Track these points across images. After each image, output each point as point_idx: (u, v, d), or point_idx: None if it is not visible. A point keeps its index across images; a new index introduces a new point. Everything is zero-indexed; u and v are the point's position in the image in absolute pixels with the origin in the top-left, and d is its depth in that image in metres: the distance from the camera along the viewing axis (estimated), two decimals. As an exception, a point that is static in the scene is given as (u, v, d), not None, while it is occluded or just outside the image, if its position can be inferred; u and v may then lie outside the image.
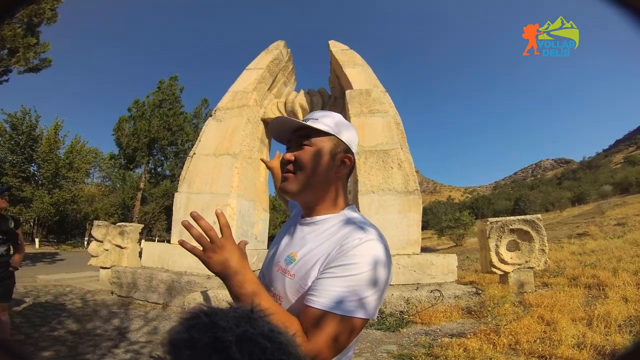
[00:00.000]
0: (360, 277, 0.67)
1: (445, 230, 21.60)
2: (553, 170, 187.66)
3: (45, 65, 10.81)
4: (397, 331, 4.15)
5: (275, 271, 0.83)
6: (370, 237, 0.72)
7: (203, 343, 0.37)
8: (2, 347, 0.60)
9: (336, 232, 0.77)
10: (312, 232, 0.82)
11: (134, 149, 19.46)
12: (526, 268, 5.22)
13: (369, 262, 0.69)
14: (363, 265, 0.68)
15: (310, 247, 0.78)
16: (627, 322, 3.51)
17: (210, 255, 0.71)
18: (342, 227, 0.78)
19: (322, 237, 0.79)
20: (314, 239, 0.80)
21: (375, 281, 0.68)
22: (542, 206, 37.65)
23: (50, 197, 21.51)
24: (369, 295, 0.67)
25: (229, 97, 7.04)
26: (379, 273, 0.69)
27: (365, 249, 0.70)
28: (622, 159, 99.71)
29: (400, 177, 5.71)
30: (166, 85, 20.83)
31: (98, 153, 35.81)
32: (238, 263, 0.71)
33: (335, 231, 0.78)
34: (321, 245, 0.76)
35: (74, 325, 4.35)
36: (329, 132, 0.83)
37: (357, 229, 0.75)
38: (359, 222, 0.78)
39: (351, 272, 0.68)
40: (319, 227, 0.82)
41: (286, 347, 0.41)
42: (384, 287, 0.70)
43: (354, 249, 0.70)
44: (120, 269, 5.98)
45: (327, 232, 0.79)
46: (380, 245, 0.72)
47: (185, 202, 6.14)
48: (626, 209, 18.27)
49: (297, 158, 0.82)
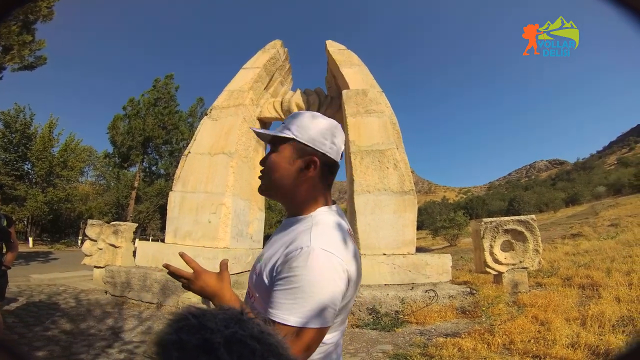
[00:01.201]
0: (302, 289, 0.69)
1: (440, 230, 21.74)
2: (547, 171, 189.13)
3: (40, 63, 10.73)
4: (393, 331, 4.16)
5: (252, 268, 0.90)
6: (312, 246, 0.72)
7: (192, 345, 0.37)
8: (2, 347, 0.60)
9: (291, 237, 0.80)
10: (280, 233, 0.87)
11: (128, 148, 19.39)
12: (520, 268, 5.25)
13: (308, 274, 0.70)
14: (303, 277, 0.70)
15: (274, 248, 0.82)
16: (620, 322, 3.54)
17: (188, 285, 0.88)
18: (298, 233, 0.80)
19: (283, 240, 0.82)
20: (278, 240, 0.84)
21: (317, 292, 0.69)
22: (536, 207, 37.92)
23: (44, 196, 21.35)
24: (312, 306, 0.69)
25: (225, 96, 7.01)
26: (316, 286, 0.69)
27: (305, 259, 0.71)
28: (615, 161, 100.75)
29: (395, 177, 5.72)
30: (162, 84, 20.77)
31: (92, 151, 35.51)
32: (214, 287, 0.86)
33: (293, 235, 0.80)
34: (279, 249, 0.80)
35: (67, 325, 4.33)
36: (288, 137, 0.86)
37: (304, 236, 0.76)
38: (317, 228, 0.79)
39: (293, 284, 0.70)
40: (286, 229, 0.86)
41: (276, 348, 0.41)
42: (324, 297, 0.70)
43: (294, 260, 0.72)
44: (114, 268, 5.94)
45: (290, 235, 0.82)
46: (320, 255, 0.72)
47: (179, 201, 6.11)
48: (619, 209, 18.46)
49: (264, 164, 0.90)
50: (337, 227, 0.82)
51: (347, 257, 0.76)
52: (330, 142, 0.86)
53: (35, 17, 9.48)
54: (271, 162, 0.87)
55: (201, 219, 5.90)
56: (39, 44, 10.21)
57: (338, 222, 0.83)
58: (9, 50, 9.29)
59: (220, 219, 5.78)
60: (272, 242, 0.88)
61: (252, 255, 6.64)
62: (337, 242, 0.77)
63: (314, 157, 0.85)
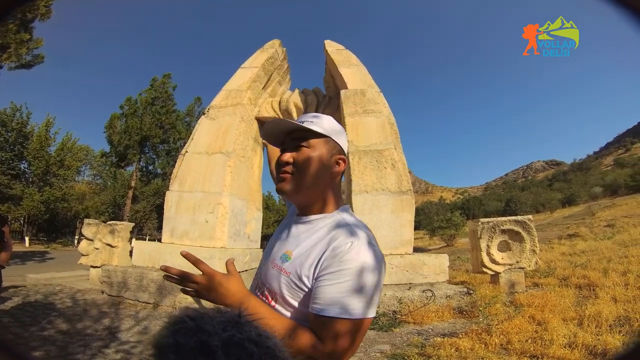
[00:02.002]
0: (356, 281, 0.71)
1: (437, 230, 21.82)
2: (544, 172, 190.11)
3: (37, 61, 10.67)
4: (390, 331, 4.16)
5: (271, 269, 0.85)
6: (362, 241, 0.75)
7: (189, 347, 0.36)
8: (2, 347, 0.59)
9: (328, 233, 0.80)
10: (306, 232, 0.85)
11: (125, 147, 19.31)
12: (517, 268, 5.27)
13: (361, 267, 0.72)
14: (356, 270, 0.71)
15: (304, 246, 0.81)
16: (617, 322, 3.55)
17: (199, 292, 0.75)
18: (335, 229, 0.80)
19: (315, 237, 0.81)
20: (307, 237, 0.83)
21: (369, 284, 0.72)
22: (532, 207, 38.14)
23: (40, 195, 21.28)
24: (368, 297, 0.71)
25: (223, 96, 7.00)
26: (370, 276, 0.72)
27: (357, 253, 0.73)
28: (612, 161, 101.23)
29: (393, 178, 5.73)
30: (159, 83, 20.70)
31: (89, 151, 35.36)
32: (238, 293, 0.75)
33: (328, 231, 0.81)
34: (315, 246, 0.79)
35: (64, 324, 4.30)
36: (324, 134, 0.85)
37: (348, 232, 0.78)
38: (352, 225, 0.81)
39: (347, 277, 0.71)
40: (312, 227, 0.84)
41: (274, 351, 0.40)
42: (377, 287, 0.74)
43: (346, 254, 0.73)
44: (111, 268, 5.91)
45: (320, 232, 0.82)
46: (370, 250, 0.75)
47: (176, 201, 6.08)
48: (615, 210, 18.58)
49: (296, 160, 0.84)
50: (365, 225, 0.84)
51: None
52: (346, 146, 0.91)
53: (33, 16, 9.43)
54: (308, 158, 0.82)
55: (198, 218, 5.88)
56: (37, 42, 10.15)
57: (360, 220, 0.86)
58: (5, 48, 9.23)
59: (218, 218, 5.77)
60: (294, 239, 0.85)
61: (250, 255, 6.62)
62: (374, 237, 0.80)
63: (342, 156, 0.89)
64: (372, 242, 0.77)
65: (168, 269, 0.75)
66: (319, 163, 0.83)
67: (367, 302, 0.71)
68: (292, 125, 0.85)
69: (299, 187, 0.84)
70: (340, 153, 0.88)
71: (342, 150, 0.89)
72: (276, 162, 0.88)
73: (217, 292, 0.74)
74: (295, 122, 0.85)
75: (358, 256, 0.72)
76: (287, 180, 0.85)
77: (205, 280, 0.74)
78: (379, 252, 0.76)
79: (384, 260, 0.77)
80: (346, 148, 0.91)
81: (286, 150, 0.87)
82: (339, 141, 0.88)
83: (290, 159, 0.84)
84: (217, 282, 0.74)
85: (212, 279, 0.74)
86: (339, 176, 0.90)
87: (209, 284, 0.74)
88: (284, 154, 0.86)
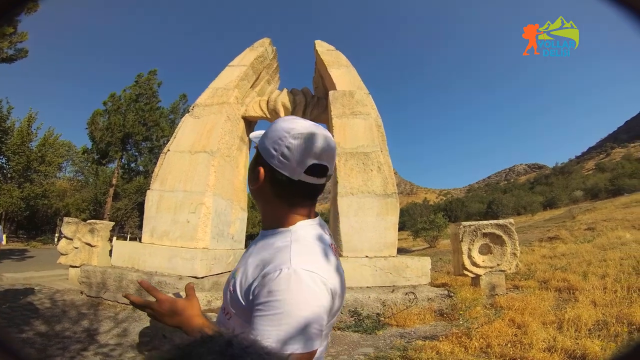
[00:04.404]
0: (287, 314, 0.63)
1: (421, 231, 22.01)
2: (526, 175, 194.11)
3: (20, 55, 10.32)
4: (374, 333, 4.17)
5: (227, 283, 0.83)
6: (293, 267, 0.67)
7: None
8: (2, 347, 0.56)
9: (269, 254, 0.73)
10: (258, 248, 0.79)
11: (107, 144, 18.95)
12: (498, 271, 5.35)
13: (292, 298, 0.64)
14: (286, 301, 0.64)
15: (248, 265, 0.75)
16: (596, 327, 3.62)
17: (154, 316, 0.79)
18: (276, 249, 0.73)
19: (260, 256, 0.75)
20: (255, 255, 0.77)
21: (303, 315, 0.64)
22: (514, 210, 38.82)
23: (20, 191, 20.64)
24: (303, 330, 0.64)
25: (209, 94, 6.90)
26: (305, 306, 0.65)
27: (285, 283, 0.65)
28: (593, 166, 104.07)
29: (379, 180, 5.75)
30: (144, 80, 20.37)
31: (71, 146, 34.55)
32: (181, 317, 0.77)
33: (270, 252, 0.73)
34: (255, 267, 0.73)
35: (42, 326, 4.21)
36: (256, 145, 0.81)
37: (283, 256, 0.70)
38: (296, 244, 0.73)
39: (277, 310, 0.64)
40: (265, 242, 0.78)
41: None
42: (316, 315, 0.65)
43: (274, 283, 0.66)
44: (90, 268, 5.77)
45: (266, 250, 0.75)
46: (302, 276, 0.66)
47: (157, 200, 5.97)
48: (596, 214, 19.03)
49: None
50: (319, 241, 0.76)
51: (330, 273, 0.71)
52: (279, 154, 0.73)
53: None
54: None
55: (179, 218, 5.78)
56: (21, 36, 9.83)
57: (319, 235, 0.77)
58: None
59: (200, 218, 5.68)
60: (247, 256, 0.80)
61: (233, 256, 6.55)
62: (318, 258, 0.72)
63: (258, 167, 0.77)
64: (308, 267, 0.68)
65: (128, 297, 0.80)
66: (249, 177, 0.81)
67: (299, 337, 0.63)
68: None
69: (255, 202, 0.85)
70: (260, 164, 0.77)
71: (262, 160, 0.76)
72: None
73: (180, 317, 0.77)
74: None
75: (286, 286, 0.65)
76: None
77: (167, 307, 0.77)
78: (316, 277, 0.67)
79: (326, 284, 0.68)
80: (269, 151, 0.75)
81: None
82: (261, 146, 0.77)
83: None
84: (180, 307, 0.78)
85: (175, 305, 0.78)
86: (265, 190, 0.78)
87: (171, 310, 0.77)
88: None
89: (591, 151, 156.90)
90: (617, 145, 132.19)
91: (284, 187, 0.75)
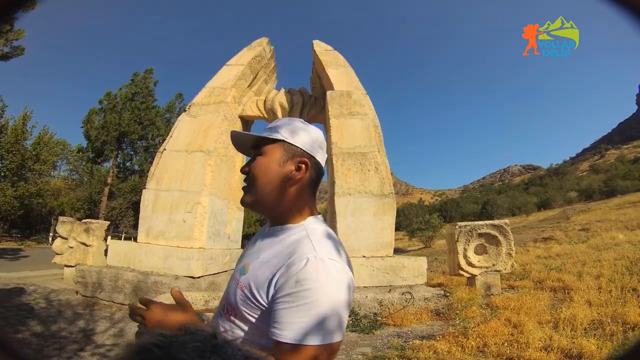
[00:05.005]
0: (317, 303, 0.64)
1: (416, 232, 22.06)
2: (521, 176, 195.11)
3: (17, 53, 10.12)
4: (371, 333, 4.17)
5: (232, 281, 0.82)
6: (320, 256, 0.68)
7: None
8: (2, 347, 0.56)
9: (288, 247, 0.74)
10: (268, 244, 0.80)
11: (102, 143, 18.82)
12: (493, 271, 5.38)
13: (321, 286, 0.65)
14: (316, 290, 0.65)
15: (262, 259, 0.76)
16: (592, 326, 3.64)
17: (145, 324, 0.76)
18: (295, 242, 0.75)
19: (274, 249, 0.76)
20: (267, 249, 0.78)
21: (332, 303, 0.65)
22: (508, 210, 38.95)
23: (14, 190, 20.44)
24: (332, 319, 0.64)
25: (206, 93, 6.88)
26: (334, 294, 0.66)
27: (314, 271, 0.66)
28: (587, 167, 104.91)
29: (376, 180, 5.76)
30: (140, 78, 20.24)
31: (66, 145, 34.21)
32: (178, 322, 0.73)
33: (288, 245, 0.75)
34: (272, 259, 0.74)
35: (38, 326, 4.17)
36: (278, 138, 0.81)
37: (307, 246, 0.71)
38: (315, 237, 0.74)
39: (306, 300, 0.64)
40: (275, 239, 0.80)
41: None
42: (342, 307, 0.67)
43: (301, 272, 0.66)
44: (85, 267, 5.72)
45: (281, 244, 0.77)
46: (329, 265, 0.68)
47: (153, 200, 5.93)
48: (590, 215, 19.19)
49: (250, 170, 0.82)
50: (331, 236, 0.78)
51: (347, 265, 0.74)
52: (322, 151, 0.85)
53: (16, 6, 8.97)
54: (259, 165, 0.80)
55: (175, 218, 5.75)
56: (18, 33, 9.66)
57: (330, 232, 0.80)
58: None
59: (196, 218, 5.66)
60: (255, 252, 0.81)
61: (230, 256, 6.53)
62: (337, 250, 0.74)
63: (304, 159, 0.80)
64: (332, 256, 0.70)
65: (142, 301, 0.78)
66: (271, 170, 0.79)
67: (331, 327, 0.64)
68: (246, 136, 0.85)
69: (256, 198, 0.81)
70: (302, 155, 0.81)
71: (303, 152, 0.81)
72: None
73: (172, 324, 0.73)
74: (248, 132, 0.84)
75: (315, 275, 0.65)
76: (245, 192, 0.83)
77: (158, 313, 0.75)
78: (341, 267, 0.69)
79: (348, 273, 0.71)
80: (318, 149, 0.84)
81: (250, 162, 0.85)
82: (299, 143, 0.81)
83: (246, 169, 0.83)
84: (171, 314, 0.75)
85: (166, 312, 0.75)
86: (307, 181, 0.82)
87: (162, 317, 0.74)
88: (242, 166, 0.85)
89: (585, 152, 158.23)
90: (611, 146, 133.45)
91: (318, 178, 0.85)
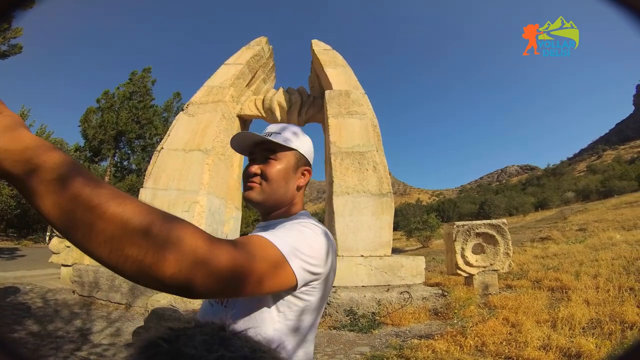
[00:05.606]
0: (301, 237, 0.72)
1: (414, 232, 22.05)
2: (518, 176, 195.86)
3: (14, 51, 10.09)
4: (370, 332, 4.18)
5: None
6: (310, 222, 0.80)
7: None
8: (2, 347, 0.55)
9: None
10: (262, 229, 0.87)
11: (100, 142, 18.76)
12: (491, 271, 5.39)
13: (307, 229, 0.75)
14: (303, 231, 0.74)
15: None
16: (590, 325, 3.66)
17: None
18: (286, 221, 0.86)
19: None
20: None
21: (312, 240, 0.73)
22: (506, 210, 38.93)
23: (10, 189, 20.38)
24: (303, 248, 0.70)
25: (204, 92, 6.86)
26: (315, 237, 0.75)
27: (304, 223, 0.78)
28: (585, 167, 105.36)
29: (374, 180, 5.75)
30: (138, 77, 20.20)
31: (63, 144, 34.08)
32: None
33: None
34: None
35: (35, 326, 4.17)
36: (291, 147, 0.90)
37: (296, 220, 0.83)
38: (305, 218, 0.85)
39: (291, 231, 0.73)
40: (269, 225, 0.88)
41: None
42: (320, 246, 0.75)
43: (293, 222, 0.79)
44: (82, 267, 5.71)
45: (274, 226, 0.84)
46: (318, 228, 0.78)
47: (150, 198, 5.91)
48: (587, 215, 19.23)
49: (264, 171, 0.87)
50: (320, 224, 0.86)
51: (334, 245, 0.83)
52: (312, 156, 0.97)
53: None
54: (276, 169, 0.87)
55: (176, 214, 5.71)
56: (15, 32, 9.63)
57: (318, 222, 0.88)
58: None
59: (194, 217, 5.64)
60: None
61: (228, 255, 6.51)
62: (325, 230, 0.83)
63: (308, 167, 0.94)
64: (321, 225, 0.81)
65: None
66: (286, 175, 0.88)
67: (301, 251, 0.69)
68: (260, 138, 0.89)
69: (266, 197, 0.88)
70: (307, 164, 0.94)
71: (307, 162, 0.94)
72: (244, 172, 0.92)
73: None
74: (262, 135, 0.89)
75: (304, 225, 0.76)
76: (255, 189, 0.88)
77: None
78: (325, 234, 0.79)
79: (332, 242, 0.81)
80: (312, 158, 0.96)
81: (255, 161, 0.90)
82: (305, 152, 0.93)
83: (258, 170, 0.88)
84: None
85: None
86: (303, 187, 0.95)
87: None
88: (252, 165, 0.90)
89: (583, 153, 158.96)
90: (609, 147, 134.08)
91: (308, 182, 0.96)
